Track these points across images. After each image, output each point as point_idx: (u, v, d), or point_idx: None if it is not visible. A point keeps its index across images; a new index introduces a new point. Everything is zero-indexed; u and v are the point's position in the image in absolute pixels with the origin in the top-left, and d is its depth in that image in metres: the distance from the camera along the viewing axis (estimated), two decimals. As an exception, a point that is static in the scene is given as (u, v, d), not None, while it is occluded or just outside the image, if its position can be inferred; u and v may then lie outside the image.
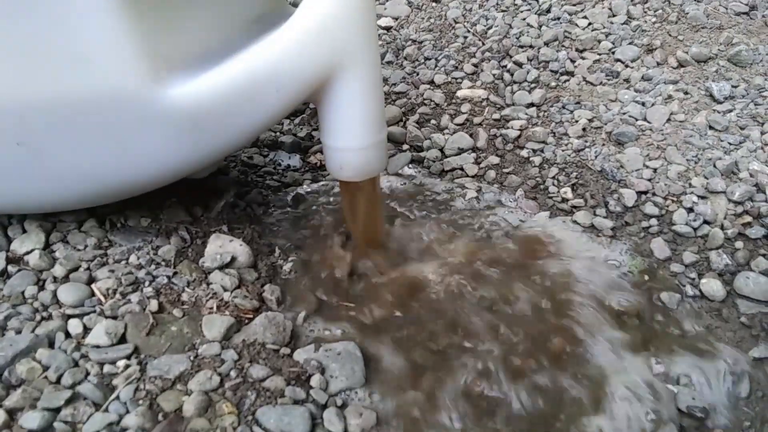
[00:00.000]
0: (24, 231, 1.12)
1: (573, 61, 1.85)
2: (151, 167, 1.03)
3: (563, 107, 1.69)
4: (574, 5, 2.06)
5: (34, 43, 0.85)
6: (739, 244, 1.26)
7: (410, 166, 1.64)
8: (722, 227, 1.29)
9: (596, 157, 1.51)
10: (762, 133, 1.47)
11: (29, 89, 0.89)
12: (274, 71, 0.99)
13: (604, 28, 1.95)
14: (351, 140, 1.11)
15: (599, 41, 1.90)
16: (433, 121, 1.75)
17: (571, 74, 1.82)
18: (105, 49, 0.87)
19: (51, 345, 0.93)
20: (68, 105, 0.90)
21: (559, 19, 2.01)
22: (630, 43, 1.87)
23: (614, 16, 2.00)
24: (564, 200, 1.45)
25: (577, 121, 1.62)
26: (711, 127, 1.53)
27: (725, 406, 1.01)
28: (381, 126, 1.13)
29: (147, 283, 1.07)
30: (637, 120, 1.59)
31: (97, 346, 0.94)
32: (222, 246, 1.18)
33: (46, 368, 0.89)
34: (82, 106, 0.91)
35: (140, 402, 0.86)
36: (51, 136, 0.93)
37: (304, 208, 1.48)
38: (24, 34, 0.84)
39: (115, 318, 0.99)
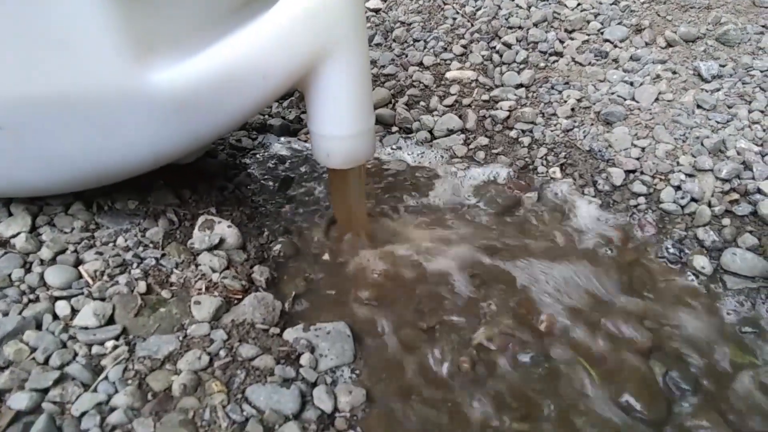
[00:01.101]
0: (10, 214, 1.11)
1: (562, 42, 1.85)
2: (136, 153, 1.02)
3: (552, 88, 1.68)
4: (563, -14, 2.05)
5: (18, 30, 0.84)
6: (726, 221, 1.27)
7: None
8: (709, 204, 1.29)
9: (585, 136, 1.51)
10: (749, 112, 1.48)
11: (13, 76, 0.87)
12: (260, 58, 0.98)
13: (593, 8, 1.95)
14: (338, 128, 1.10)
15: (588, 22, 1.90)
16: (422, 103, 1.74)
17: (560, 55, 1.81)
18: (89, 35, 0.86)
19: (38, 327, 0.93)
20: (53, 91, 0.89)
21: (548, -1, 2.00)
22: (619, 24, 1.87)
23: (603, -4, 1.99)
24: (553, 180, 1.45)
25: (565, 102, 1.62)
26: (699, 106, 1.53)
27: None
28: (368, 114, 1.12)
29: (135, 265, 1.06)
30: (625, 100, 1.59)
31: (85, 328, 0.93)
32: (210, 228, 1.18)
33: (33, 350, 0.89)
34: (66, 92, 0.89)
35: (129, 382, 0.86)
36: (35, 121, 0.92)
37: (292, 190, 1.48)
38: (6, 21, 0.83)
39: (103, 299, 0.98)
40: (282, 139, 1.72)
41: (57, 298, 0.97)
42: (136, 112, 0.95)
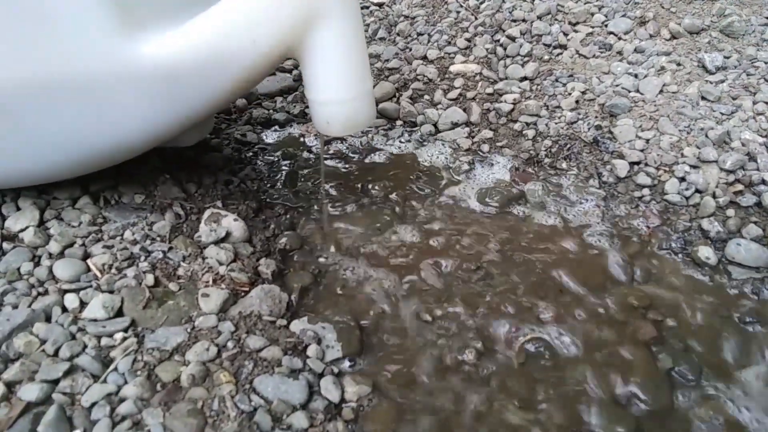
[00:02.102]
0: (18, 209, 1.12)
1: (566, 35, 1.84)
2: (129, 131, 1.00)
3: (556, 80, 1.68)
4: (567, -22, 2.05)
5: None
6: (730, 212, 1.27)
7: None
8: (714, 196, 1.29)
9: (589, 129, 1.51)
10: (754, 103, 1.48)
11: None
12: (249, 22, 0.96)
13: (597, 1, 1.94)
14: (335, 92, 1.08)
15: (592, 14, 1.89)
16: (426, 97, 1.74)
17: (564, 47, 1.81)
18: (73, 7, 0.85)
19: (48, 319, 0.94)
20: (38, 69, 0.88)
21: (551, -8, 1.99)
22: (623, 16, 1.86)
23: (607, -12, 1.99)
24: (557, 172, 1.46)
25: (570, 94, 1.62)
26: (703, 98, 1.53)
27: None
28: (365, 76, 1.10)
29: (142, 258, 1.07)
30: (629, 92, 1.59)
31: (94, 320, 0.94)
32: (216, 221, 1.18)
33: (43, 342, 0.90)
34: (52, 69, 0.88)
35: (138, 373, 0.87)
36: (23, 103, 0.91)
37: (298, 183, 1.48)
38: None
39: (111, 292, 0.99)
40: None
41: (66, 291, 0.98)
42: (126, 87, 0.93)
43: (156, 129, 1.02)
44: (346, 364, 0.99)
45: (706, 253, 1.21)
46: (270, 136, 1.71)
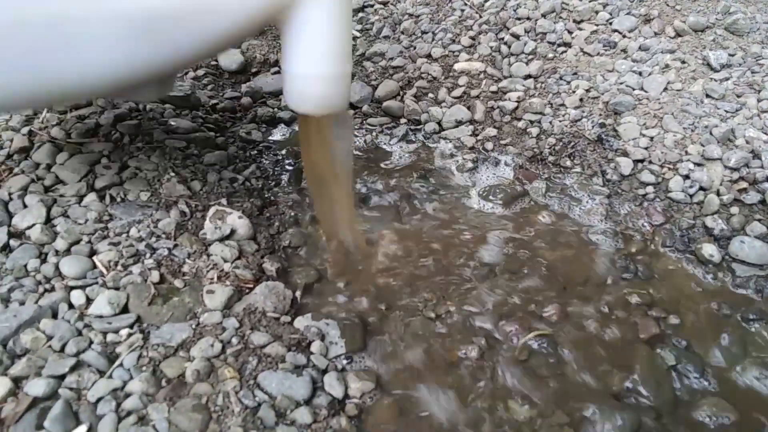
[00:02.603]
0: (25, 206, 1.13)
1: (570, 33, 1.84)
2: (96, 68, 0.94)
3: (560, 78, 1.68)
4: (571, -24, 2.04)
5: None
6: (734, 209, 1.27)
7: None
8: (718, 193, 1.30)
9: (593, 126, 1.51)
10: (758, 101, 1.47)
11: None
12: None
13: (601, -2, 1.94)
14: (312, 66, 1.04)
15: (597, 12, 1.89)
16: (430, 95, 1.75)
17: (569, 45, 1.81)
18: None
19: (54, 315, 0.95)
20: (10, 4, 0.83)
21: (556, -10, 1.99)
22: (627, 14, 1.86)
23: (612, -14, 1.98)
24: (561, 170, 1.46)
25: (574, 92, 1.62)
26: (708, 96, 1.53)
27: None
28: (345, 57, 1.06)
29: (148, 255, 1.08)
30: (634, 89, 1.59)
31: (100, 316, 0.95)
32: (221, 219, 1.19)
33: (50, 338, 0.90)
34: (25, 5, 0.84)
35: (144, 369, 0.88)
36: None
37: (302, 182, 1.49)
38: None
39: (117, 289, 1.00)
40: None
41: (72, 288, 0.99)
42: (99, 24, 0.89)
43: (123, 72, 0.97)
44: (350, 360, 0.99)
45: (709, 250, 1.21)
46: (275, 135, 1.72)
